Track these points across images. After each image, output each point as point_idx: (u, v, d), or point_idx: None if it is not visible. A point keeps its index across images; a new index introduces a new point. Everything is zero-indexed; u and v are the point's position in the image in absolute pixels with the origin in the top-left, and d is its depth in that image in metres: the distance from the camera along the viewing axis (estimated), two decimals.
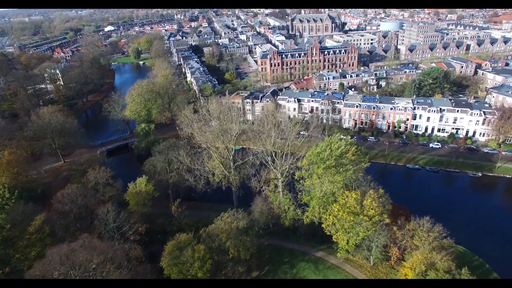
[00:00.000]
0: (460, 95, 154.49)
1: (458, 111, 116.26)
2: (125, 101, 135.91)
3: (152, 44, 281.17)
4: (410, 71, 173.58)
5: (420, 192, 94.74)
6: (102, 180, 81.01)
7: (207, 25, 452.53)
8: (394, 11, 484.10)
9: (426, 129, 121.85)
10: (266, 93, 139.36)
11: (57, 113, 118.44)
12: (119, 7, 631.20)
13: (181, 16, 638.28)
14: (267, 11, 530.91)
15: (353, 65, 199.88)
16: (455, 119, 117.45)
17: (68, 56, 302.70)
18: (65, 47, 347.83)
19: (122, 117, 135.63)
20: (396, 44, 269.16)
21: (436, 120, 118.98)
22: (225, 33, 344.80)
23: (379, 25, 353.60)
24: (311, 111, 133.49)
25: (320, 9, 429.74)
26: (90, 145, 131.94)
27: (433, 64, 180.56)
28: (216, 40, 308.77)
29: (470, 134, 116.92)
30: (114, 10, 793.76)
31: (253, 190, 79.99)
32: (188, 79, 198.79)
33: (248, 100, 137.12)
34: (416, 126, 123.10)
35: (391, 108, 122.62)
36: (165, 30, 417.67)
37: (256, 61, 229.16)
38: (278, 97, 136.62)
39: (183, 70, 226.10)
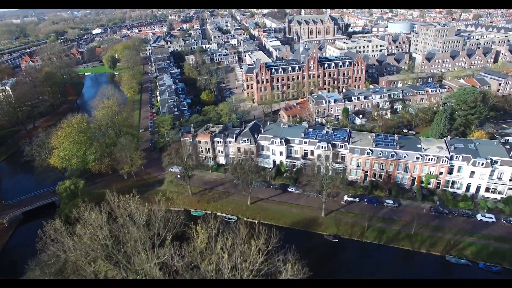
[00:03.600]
0: (504, 125, 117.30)
1: None
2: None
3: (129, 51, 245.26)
4: (433, 90, 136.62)
5: None
6: None
7: (199, 27, 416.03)
8: (402, 11, 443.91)
9: (468, 187, 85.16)
10: (244, 129, 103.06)
11: None
12: (117, 7, 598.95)
13: (175, 16, 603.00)
14: (265, 11, 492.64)
15: (359, 80, 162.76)
16: None
17: (38, 65, 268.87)
18: (37, 54, 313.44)
19: (49, 165, 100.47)
20: (408, 50, 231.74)
21: (485, 176, 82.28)
22: (214, 37, 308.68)
23: (387, 27, 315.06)
24: (304, 156, 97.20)
25: (321, 9, 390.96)
26: (3, 205, 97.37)
27: (462, 81, 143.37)
28: (204, 46, 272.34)
29: None
30: (110, 11, 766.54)
31: None
32: (159, 98, 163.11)
33: (219, 139, 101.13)
34: (453, 182, 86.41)
35: (417, 158, 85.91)
36: (153, 33, 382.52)
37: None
38: (260, 135, 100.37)
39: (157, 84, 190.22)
